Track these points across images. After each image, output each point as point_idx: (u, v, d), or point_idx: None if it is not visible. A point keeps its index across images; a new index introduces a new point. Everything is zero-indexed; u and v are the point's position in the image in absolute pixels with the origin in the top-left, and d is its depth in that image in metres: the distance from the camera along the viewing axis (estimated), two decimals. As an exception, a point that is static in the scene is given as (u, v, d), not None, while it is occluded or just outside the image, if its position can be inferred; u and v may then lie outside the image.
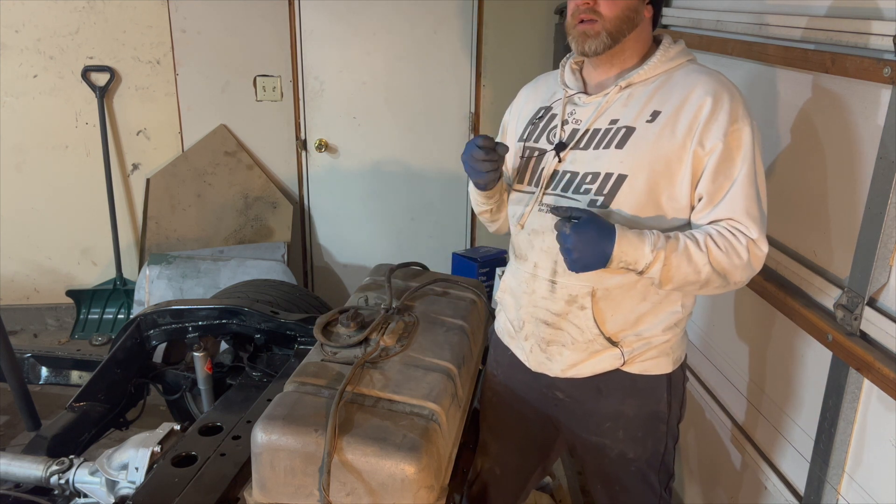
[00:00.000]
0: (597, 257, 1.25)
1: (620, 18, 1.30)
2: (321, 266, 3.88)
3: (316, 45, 3.49)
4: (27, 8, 3.34)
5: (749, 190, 1.27)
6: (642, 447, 1.48)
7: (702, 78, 1.31)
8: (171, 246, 3.55)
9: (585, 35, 1.32)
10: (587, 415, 1.48)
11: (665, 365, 1.43)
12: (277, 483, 1.31)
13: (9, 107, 3.45)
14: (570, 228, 1.25)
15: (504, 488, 1.78)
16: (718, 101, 1.27)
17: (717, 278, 1.28)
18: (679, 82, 1.32)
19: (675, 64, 1.35)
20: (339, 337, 1.61)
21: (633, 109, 1.33)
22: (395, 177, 3.73)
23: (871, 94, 1.36)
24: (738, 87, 1.33)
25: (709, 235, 1.27)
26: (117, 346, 2.18)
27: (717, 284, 1.30)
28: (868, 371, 1.30)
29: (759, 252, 1.29)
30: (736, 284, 1.32)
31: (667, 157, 1.29)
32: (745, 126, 1.27)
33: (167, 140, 3.62)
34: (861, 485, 1.42)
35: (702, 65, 1.38)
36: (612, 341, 1.40)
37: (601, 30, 1.31)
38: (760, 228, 1.28)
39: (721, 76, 1.33)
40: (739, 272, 1.28)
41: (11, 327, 3.64)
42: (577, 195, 1.36)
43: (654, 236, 1.26)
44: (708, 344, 2.13)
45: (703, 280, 1.27)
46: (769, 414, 1.78)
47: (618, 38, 1.32)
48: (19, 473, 1.69)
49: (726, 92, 1.28)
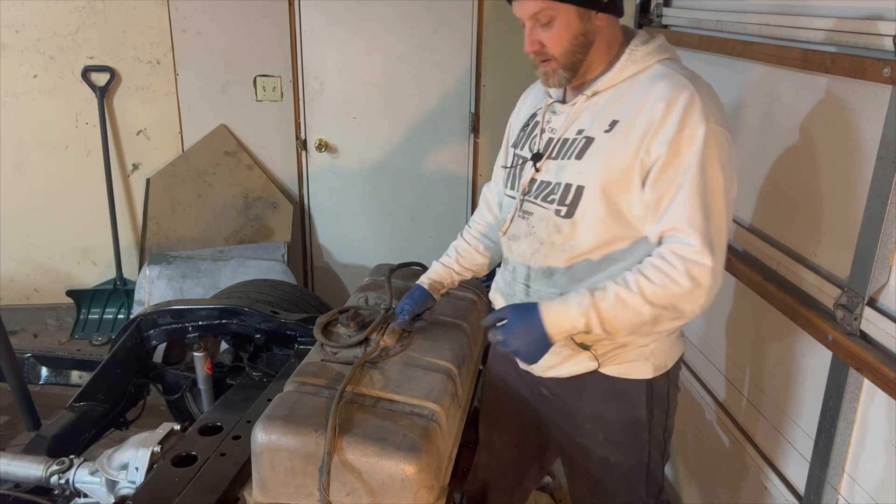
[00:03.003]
0: (539, 342, 1.29)
1: (571, 51, 1.29)
2: (321, 266, 3.88)
3: (316, 45, 3.49)
4: (27, 8, 3.34)
5: (694, 198, 1.21)
6: (623, 454, 1.48)
7: (661, 83, 1.26)
8: (171, 246, 3.55)
9: (546, 74, 1.34)
10: (570, 414, 1.49)
11: (644, 370, 1.41)
12: (277, 483, 1.31)
13: (9, 107, 3.45)
14: (501, 333, 1.31)
15: (501, 483, 1.78)
16: (671, 106, 1.22)
17: (665, 312, 1.23)
18: (640, 88, 1.28)
19: (643, 66, 1.30)
20: (339, 337, 1.61)
21: (595, 119, 1.32)
22: (395, 177, 3.73)
23: (871, 94, 1.36)
24: (709, 91, 1.27)
25: (640, 273, 1.24)
26: (117, 346, 2.18)
27: (671, 317, 1.25)
28: (868, 371, 1.30)
29: (699, 268, 1.20)
30: (693, 313, 1.25)
31: (622, 167, 1.27)
32: (697, 131, 1.20)
33: (167, 140, 3.62)
34: (861, 485, 1.42)
35: (673, 64, 1.31)
36: (584, 346, 1.40)
37: (557, 67, 1.31)
38: (703, 239, 1.20)
39: (684, 79, 1.25)
40: (687, 301, 1.22)
41: (11, 327, 3.64)
42: (547, 204, 1.37)
43: (579, 296, 1.26)
44: (707, 343, 2.13)
45: (651, 319, 1.24)
46: (769, 414, 1.78)
47: (576, 67, 1.32)
48: (19, 473, 1.69)
49: (683, 96, 1.22)
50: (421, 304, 1.61)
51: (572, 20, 1.26)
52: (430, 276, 1.65)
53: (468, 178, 3.76)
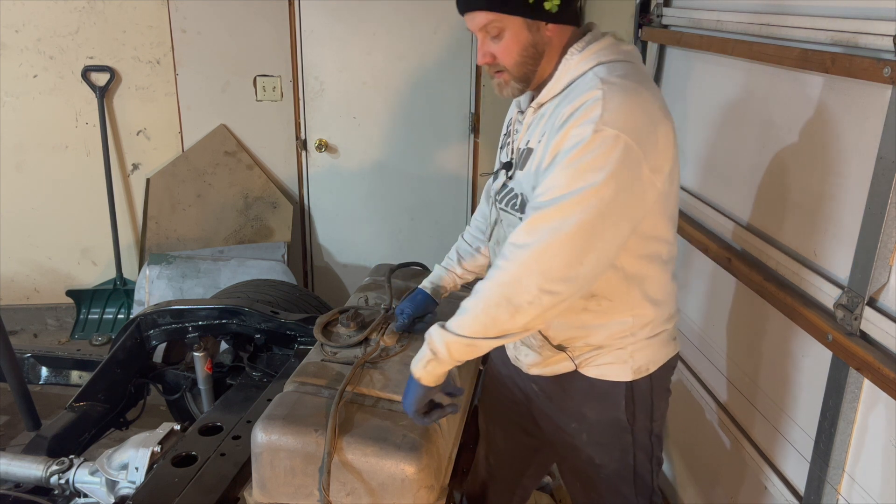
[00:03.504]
0: (409, 382, 1.29)
1: (521, 62, 1.29)
2: (321, 266, 3.88)
3: (316, 45, 3.49)
4: (27, 8, 3.34)
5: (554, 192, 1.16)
6: (608, 455, 1.47)
7: (581, 91, 1.21)
8: (171, 246, 3.55)
9: (500, 86, 1.35)
10: (558, 411, 1.50)
11: (622, 372, 1.39)
12: (277, 483, 1.31)
13: (9, 107, 3.45)
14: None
15: (501, 481, 1.79)
16: (572, 111, 1.19)
17: (500, 306, 1.18)
18: (569, 96, 1.25)
19: (579, 73, 1.26)
20: (339, 337, 1.62)
21: (537, 129, 1.32)
22: (395, 177, 3.73)
23: (871, 94, 1.36)
24: (625, 96, 1.17)
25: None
26: (117, 346, 2.18)
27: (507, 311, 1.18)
28: (868, 371, 1.30)
29: (516, 249, 1.17)
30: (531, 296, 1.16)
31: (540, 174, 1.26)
32: (585, 132, 1.15)
33: (167, 140, 3.62)
34: (861, 485, 1.42)
35: (613, 66, 1.24)
36: (561, 347, 1.41)
37: (510, 78, 1.32)
38: (528, 224, 1.17)
39: (600, 83, 1.19)
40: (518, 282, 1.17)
41: (11, 327, 3.64)
42: (514, 211, 1.38)
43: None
44: (707, 343, 2.13)
45: (497, 299, 1.18)
46: (769, 414, 1.78)
47: (527, 78, 1.31)
48: (19, 473, 1.69)
49: (588, 101, 1.17)
50: (422, 308, 1.62)
51: (521, 31, 1.26)
52: (432, 281, 1.67)
53: (468, 178, 3.76)
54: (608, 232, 1.17)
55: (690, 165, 2.19)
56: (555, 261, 1.16)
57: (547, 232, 1.16)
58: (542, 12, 1.25)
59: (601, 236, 1.17)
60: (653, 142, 1.18)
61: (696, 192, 2.16)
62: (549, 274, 1.16)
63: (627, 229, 1.21)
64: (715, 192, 2.05)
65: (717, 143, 2.05)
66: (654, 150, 1.18)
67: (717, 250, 1.91)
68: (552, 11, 1.25)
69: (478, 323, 1.21)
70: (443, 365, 1.25)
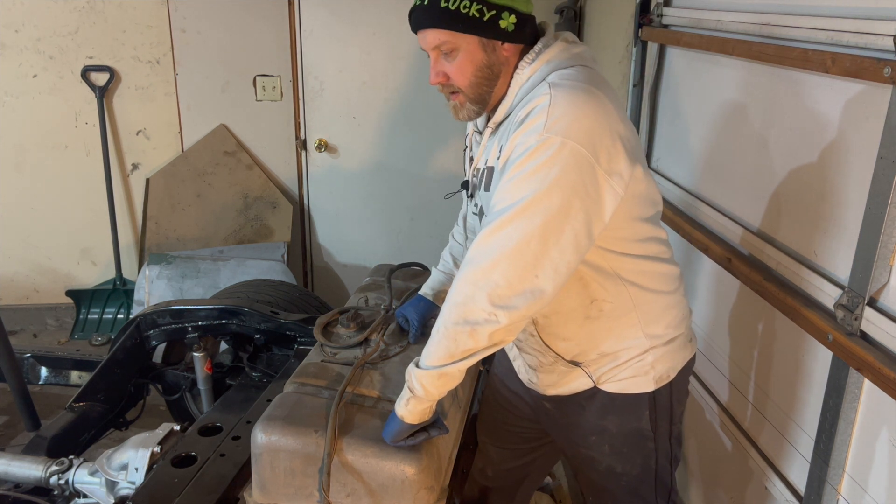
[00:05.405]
0: (392, 421, 1.25)
1: (476, 83, 1.25)
2: (321, 266, 3.88)
3: (316, 44, 3.49)
4: (27, 8, 3.33)
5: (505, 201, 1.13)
6: (630, 462, 1.46)
7: (531, 99, 1.19)
8: (170, 246, 3.55)
9: (455, 108, 1.32)
10: (573, 426, 1.47)
11: (644, 384, 1.37)
12: (277, 484, 1.31)
13: (9, 107, 3.45)
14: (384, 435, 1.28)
15: (499, 489, 1.78)
16: (521, 120, 1.16)
17: (459, 326, 1.14)
18: (525, 107, 1.20)
19: (533, 83, 1.23)
20: (339, 337, 1.61)
21: (495, 146, 1.29)
22: (395, 177, 3.72)
23: (871, 94, 1.36)
24: (573, 104, 1.14)
25: None
26: (117, 346, 2.18)
27: (466, 331, 1.13)
28: (868, 371, 1.29)
29: (464, 266, 1.14)
30: (485, 314, 1.12)
31: None
32: (529, 140, 1.12)
33: (167, 140, 3.62)
34: (861, 485, 1.42)
35: (566, 72, 1.21)
36: (575, 362, 1.38)
37: (465, 100, 1.29)
38: (479, 240, 1.14)
39: (548, 90, 1.16)
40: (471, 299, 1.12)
41: (11, 327, 3.64)
42: None
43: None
44: (708, 344, 2.12)
45: (455, 319, 1.14)
46: (769, 414, 1.78)
47: (483, 99, 1.28)
48: (19, 473, 1.69)
49: (535, 109, 1.15)
50: (427, 314, 1.62)
51: (475, 52, 1.23)
52: (431, 286, 1.65)
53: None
54: (562, 240, 1.11)
55: (690, 165, 2.19)
56: (504, 275, 1.10)
57: (493, 246, 1.11)
58: (497, 31, 1.21)
59: (554, 245, 1.11)
60: (605, 145, 1.14)
61: (696, 192, 2.16)
62: (499, 290, 1.11)
63: (585, 235, 1.14)
64: (715, 192, 2.05)
65: (717, 143, 2.04)
66: (606, 153, 1.13)
67: (718, 250, 1.90)
68: (508, 30, 1.21)
69: (441, 349, 1.16)
70: (422, 402, 1.22)
